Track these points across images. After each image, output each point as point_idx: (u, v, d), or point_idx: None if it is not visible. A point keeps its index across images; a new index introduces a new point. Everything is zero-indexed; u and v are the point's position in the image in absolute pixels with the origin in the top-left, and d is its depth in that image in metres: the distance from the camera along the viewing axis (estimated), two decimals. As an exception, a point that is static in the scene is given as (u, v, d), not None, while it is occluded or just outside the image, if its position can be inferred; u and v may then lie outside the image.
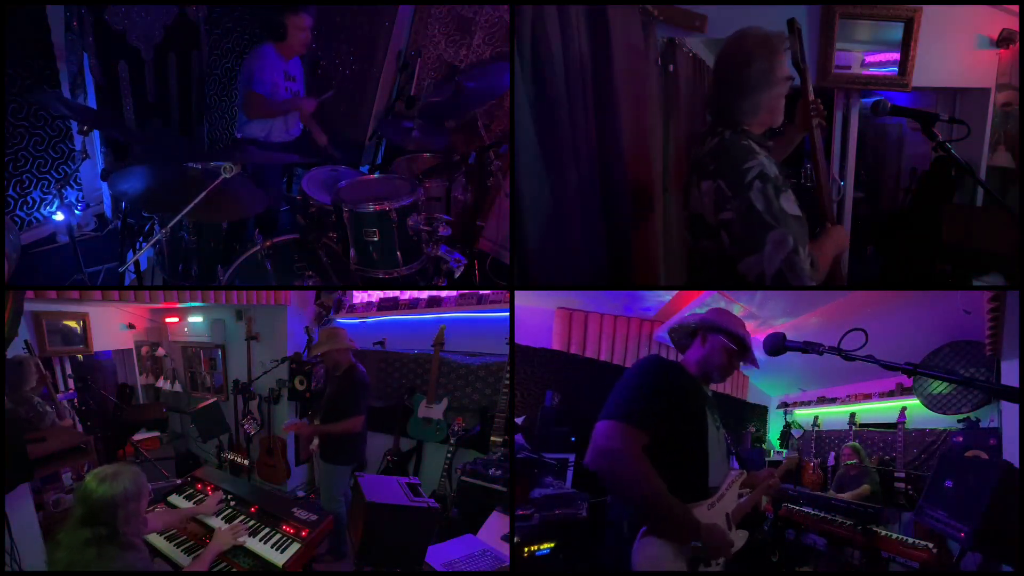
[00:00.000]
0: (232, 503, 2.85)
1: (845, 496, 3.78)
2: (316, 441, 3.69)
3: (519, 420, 3.63)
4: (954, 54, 3.48)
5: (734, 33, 2.14)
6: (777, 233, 1.89)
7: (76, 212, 4.30)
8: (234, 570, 2.46)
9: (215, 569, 2.44)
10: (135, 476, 1.98)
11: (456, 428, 3.94)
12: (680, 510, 1.64)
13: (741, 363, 1.95)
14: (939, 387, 3.77)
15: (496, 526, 2.76)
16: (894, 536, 3.22)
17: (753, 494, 2.09)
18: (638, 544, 1.64)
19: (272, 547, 2.53)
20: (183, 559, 2.54)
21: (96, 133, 4.19)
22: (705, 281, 2.32)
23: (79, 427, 3.52)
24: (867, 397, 4.67)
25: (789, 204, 1.93)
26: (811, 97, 2.43)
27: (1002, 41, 3.46)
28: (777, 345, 1.74)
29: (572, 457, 3.41)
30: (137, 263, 3.31)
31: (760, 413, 6.14)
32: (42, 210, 4.20)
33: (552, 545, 2.82)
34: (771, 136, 2.48)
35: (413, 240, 3.15)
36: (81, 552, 1.85)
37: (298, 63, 4.07)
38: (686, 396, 1.80)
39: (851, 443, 4.26)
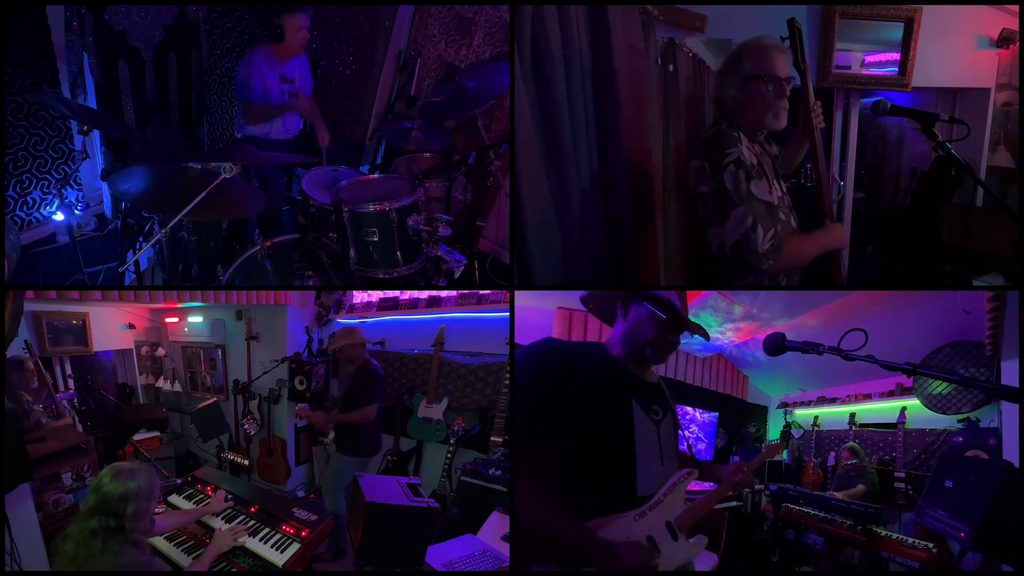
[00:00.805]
0: (232, 503, 2.86)
1: (840, 496, 3.79)
2: (331, 435, 3.72)
3: (519, 420, 3.62)
4: (954, 54, 3.49)
5: None
6: (740, 211, 2.13)
7: (76, 212, 4.30)
8: (234, 570, 2.46)
9: (215, 569, 2.45)
10: (149, 475, 2.05)
11: (456, 428, 3.94)
12: (571, 536, 1.31)
13: (681, 335, 1.57)
14: (939, 387, 3.77)
15: (496, 526, 2.75)
16: (894, 536, 3.23)
17: (712, 493, 1.75)
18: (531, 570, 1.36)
19: (272, 547, 2.54)
20: (183, 559, 2.54)
21: (96, 133, 4.18)
22: (705, 281, 2.35)
23: (79, 427, 3.52)
24: (867, 397, 4.67)
25: (759, 189, 2.17)
26: (812, 98, 2.45)
27: (1002, 41, 3.46)
28: (777, 345, 1.73)
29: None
30: (137, 263, 3.31)
31: (760, 413, 6.13)
32: (42, 210, 4.19)
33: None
34: (779, 140, 2.53)
35: (413, 240, 3.15)
36: (87, 543, 1.88)
37: (297, 64, 4.04)
38: (597, 386, 1.43)
39: (850, 444, 4.26)
